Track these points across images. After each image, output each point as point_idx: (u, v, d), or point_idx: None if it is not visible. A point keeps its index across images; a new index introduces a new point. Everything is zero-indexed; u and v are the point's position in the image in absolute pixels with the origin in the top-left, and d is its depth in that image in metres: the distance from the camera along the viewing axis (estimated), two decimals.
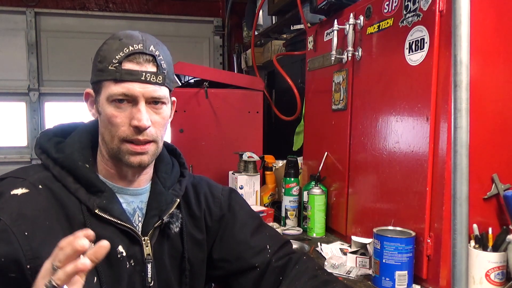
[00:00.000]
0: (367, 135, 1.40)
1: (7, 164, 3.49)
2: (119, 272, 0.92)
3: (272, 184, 2.02)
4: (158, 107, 0.93)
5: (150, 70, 0.90)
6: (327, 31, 1.65)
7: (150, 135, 0.92)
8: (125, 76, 0.88)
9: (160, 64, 0.91)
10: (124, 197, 0.98)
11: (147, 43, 0.91)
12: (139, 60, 0.89)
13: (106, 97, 0.90)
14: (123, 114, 0.90)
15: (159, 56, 0.92)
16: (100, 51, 0.92)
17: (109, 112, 0.90)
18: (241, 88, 2.23)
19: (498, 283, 1.06)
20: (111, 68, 0.88)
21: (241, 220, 1.11)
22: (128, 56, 0.88)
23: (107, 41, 0.93)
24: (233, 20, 3.87)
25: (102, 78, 0.90)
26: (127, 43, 0.90)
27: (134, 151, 0.91)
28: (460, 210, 0.96)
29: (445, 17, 1.09)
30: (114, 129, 0.91)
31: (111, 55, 0.89)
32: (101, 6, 3.70)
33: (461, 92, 0.96)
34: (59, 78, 3.67)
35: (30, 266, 0.81)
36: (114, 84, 0.89)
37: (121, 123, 0.90)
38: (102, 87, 0.91)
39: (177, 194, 1.03)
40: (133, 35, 0.92)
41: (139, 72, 0.89)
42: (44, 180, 0.90)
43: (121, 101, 0.89)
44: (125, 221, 0.93)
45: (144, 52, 0.89)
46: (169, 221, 1.00)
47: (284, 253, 1.08)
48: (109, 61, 0.89)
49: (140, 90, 0.89)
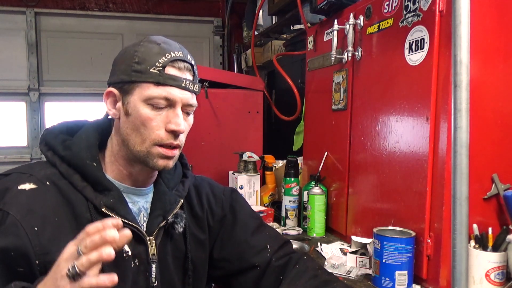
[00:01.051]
0: (367, 135, 1.40)
1: (7, 164, 3.49)
2: (124, 271, 0.92)
3: (272, 184, 2.02)
4: (188, 115, 0.96)
5: (189, 78, 0.93)
6: (327, 31, 1.65)
7: (180, 140, 0.95)
8: (168, 81, 0.90)
9: (195, 73, 0.96)
10: (130, 197, 0.98)
11: (184, 51, 0.94)
12: (180, 66, 0.92)
13: (143, 98, 0.90)
14: (159, 117, 0.91)
15: (194, 65, 0.96)
16: (137, 52, 0.91)
17: (144, 114, 0.90)
18: (241, 88, 2.23)
19: (498, 283, 1.06)
20: (154, 71, 0.89)
21: (241, 220, 1.12)
22: (172, 61, 0.90)
23: (143, 44, 0.92)
24: (233, 20, 3.87)
25: (141, 80, 0.90)
26: (168, 49, 0.91)
27: (165, 154, 0.93)
28: (460, 210, 0.96)
29: (445, 17, 1.09)
30: (147, 132, 0.91)
31: (152, 58, 0.90)
32: (101, 6, 3.70)
33: (461, 92, 0.96)
34: (59, 78, 3.67)
35: (39, 262, 0.82)
36: (155, 86, 0.89)
37: (156, 126, 0.91)
38: (137, 88, 0.91)
39: (180, 194, 1.04)
40: (170, 41, 0.94)
41: (180, 78, 0.91)
42: (51, 177, 0.91)
43: (159, 104, 0.90)
44: (131, 221, 0.93)
45: (185, 60, 0.93)
46: (174, 221, 1.00)
47: (284, 253, 1.08)
48: (151, 64, 0.89)
49: (180, 96, 0.91)
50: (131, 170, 0.97)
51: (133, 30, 3.80)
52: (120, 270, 0.90)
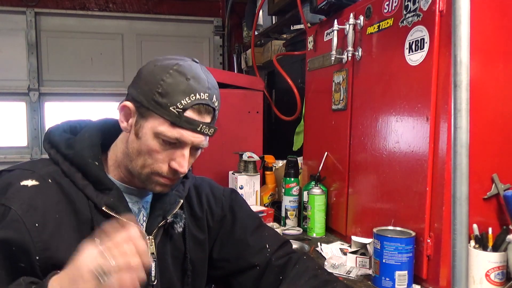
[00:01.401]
0: (367, 135, 1.40)
1: (7, 164, 3.44)
2: None
3: (272, 184, 2.02)
4: (198, 153, 0.97)
5: (207, 121, 0.91)
6: (327, 31, 1.65)
7: (181, 176, 0.95)
8: (184, 124, 0.88)
9: (215, 115, 0.93)
10: (130, 197, 0.99)
11: (211, 92, 0.91)
12: (201, 110, 0.90)
13: (156, 132, 0.89)
14: (165, 152, 0.91)
15: (217, 107, 0.93)
16: (163, 82, 0.88)
17: (152, 146, 0.90)
18: (241, 88, 2.23)
19: (498, 283, 1.06)
20: (173, 110, 0.87)
21: (241, 220, 1.12)
22: (193, 105, 0.88)
23: (173, 74, 0.89)
24: (233, 20, 3.87)
25: (158, 113, 0.88)
26: (195, 89, 0.88)
27: (163, 183, 0.94)
28: (460, 210, 0.96)
29: (445, 17, 1.09)
30: (150, 161, 0.91)
31: (176, 96, 0.87)
32: (101, 6, 3.70)
33: (461, 92, 0.96)
34: (59, 78, 3.67)
35: (39, 258, 0.82)
36: (170, 126, 0.88)
37: (160, 159, 0.91)
38: (152, 118, 0.89)
39: (180, 195, 1.04)
40: (200, 77, 0.90)
41: (197, 122, 0.89)
42: (53, 174, 0.91)
43: (169, 142, 0.90)
44: (131, 220, 0.93)
45: (208, 105, 0.90)
46: (173, 221, 1.01)
47: (284, 253, 1.09)
48: (172, 102, 0.87)
49: (192, 139, 0.91)
50: (129, 177, 0.98)
51: (133, 30, 3.80)
52: None
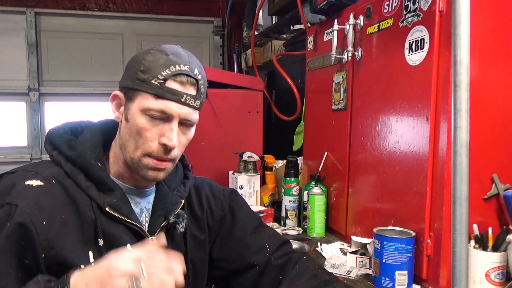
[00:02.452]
0: (367, 135, 1.40)
1: (7, 164, 3.49)
2: None
3: (272, 184, 2.02)
4: (188, 129, 0.96)
5: (191, 93, 0.92)
6: (327, 31, 1.65)
7: (173, 155, 0.93)
8: (167, 95, 0.89)
9: (200, 88, 0.93)
10: (132, 197, 0.99)
11: (192, 65, 0.92)
12: (183, 81, 0.90)
13: (142, 108, 0.90)
14: (154, 129, 0.91)
15: (201, 80, 0.94)
16: (144, 60, 0.90)
17: (140, 124, 0.90)
18: (241, 88, 2.23)
19: (498, 283, 1.06)
20: (155, 82, 0.89)
21: (240, 220, 1.12)
22: (174, 75, 0.89)
23: (153, 52, 0.91)
24: (233, 20, 3.87)
25: (142, 89, 0.90)
26: (175, 61, 0.90)
27: (154, 166, 0.93)
28: (460, 210, 0.96)
29: (445, 17, 1.09)
30: (141, 141, 0.91)
31: (156, 69, 0.89)
32: (101, 6, 3.69)
33: (461, 92, 0.96)
34: (59, 78, 3.67)
35: (45, 255, 0.82)
36: (154, 98, 0.89)
37: (150, 137, 0.91)
38: (138, 97, 0.91)
39: (182, 195, 1.04)
40: (180, 53, 0.92)
41: (180, 93, 0.90)
42: (56, 176, 0.91)
43: (155, 116, 0.90)
44: (134, 220, 0.94)
45: (189, 75, 0.91)
46: (176, 221, 1.01)
47: (283, 253, 1.09)
48: (153, 75, 0.89)
49: (177, 111, 0.90)
50: (129, 173, 0.97)
51: (133, 30, 3.80)
52: None
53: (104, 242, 0.89)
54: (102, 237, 0.89)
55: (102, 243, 0.89)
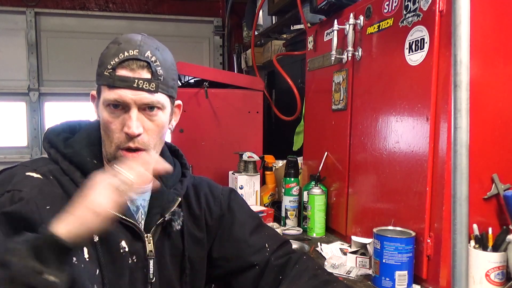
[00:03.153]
0: (367, 135, 1.40)
1: (7, 164, 3.44)
2: (121, 267, 0.93)
3: (272, 184, 2.02)
4: (153, 114, 0.92)
5: (144, 76, 0.89)
6: (327, 31, 1.65)
7: (141, 142, 0.91)
8: (118, 83, 0.88)
9: (155, 70, 0.90)
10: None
11: (143, 49, 0.90)
12: (132, 66, 0.88)
13: (102, 102, 0.91)
14: (117, 120, 0.91)
15: (155, 62, 0.90)
16: (101, 55, 0.93)
17: (105, 117, 0.92)
18: (241, 88, 2.23)
19: (498, 283, 1.06)
20: (106, 73, 0.89)
21: (240, 219, 1.12)
22: (122, 62, 0.88)
23: (109, 45, 0.93)
24: (233, 20, 3.86)
25: (100, 83, 0.92)
26: (124, 49, 0.89)
27: (127, 158, 0.92)
28: (460, 210, 0.96)
29: (445, 17, 1.09)
30: (110, 135, 0.92)
31: (107, 60, 0.90)
32: (101, 6, 3.69)
33: (461, 92, 0.96)
34: (59, 78, 3.67)
35: None
36: (108, 89, 0.89)
37: (115, 129, 0.91)
38: (100, 92, 0.93)
39: (179, 193, 1.04)
40: (132, 39, 0.91)
41: (131, 79, 0.88)
42: (53, 172, 0.92)
43: (115, 106, 0.90)
44: (129, 217, 0.94)
45: (138, 59, 0.89)
46: (171, 218, 1.01)
47: (283, 252, 1.09)
48: (105, 67, 0.89)
49: (131, 97, 0.89)
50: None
51: (133, 30, 3.79)
52: (117, 265, 0.92)
53: (99, 238, 0.90)
54: (96, 233, 0.89)
55: (97, 239, 0.90)
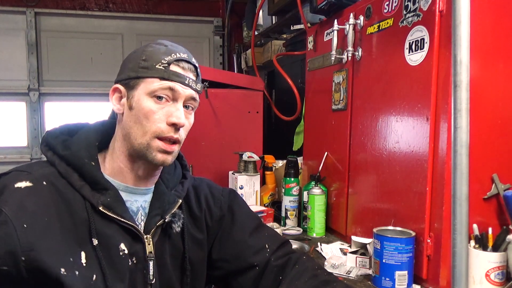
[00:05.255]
0: (367, 135, 1.40)
1: (7, 164, 3.49)
2: (121, 270, 0.93)
3: (272, 184, 2.02)
4: (189, 112, 1.00)
5: (192, 77, 0.98)
6: (327, 31, 1.65)
7: (180, 135, 0.97)
8: (172, 77, 0.94)
9: (198, 75, 1.01)
10: (130, 196, 0.99)
11: (189, 55, 1.00)
12: (184, 66, 0.97)
13: (148, 92, 0.94)
14: (161, 111, 0.94)
15: (198, 68, 1.02)
16: (144, 52, 0.97)
17: (147, 107, 0.94)
18: (241, 88, 2.23)
19: (498, 283, 1.06)
20: (159, 67, 0.94)
21: (240, 220, 1.12)
22: (177, 60, 0.96)
23: (152, 45, 0.98)
24: (233, 20, 3.87)
25: (147, 75, 0.94)
26: (174, 50, 0.97)
27: (164, 149, 0.95)
28: (460, 210, 0.96)
29: (445, 17, 1.09)
30: (149, 125, 0.94)
31: (159, 56, 0.95)
32: (101, 6, 3.70)
33: (461, 92, 0.96)
34: (59, 78, 3.67)
35: (25, 258, 0.82)
36: (160, 80, 0.94)
37: (159, 119, 0.94)
38: (142, 83, 0.95)
39: (179, 194, 1.05)
40: (176, 45, 1.01)
41: (184, 76, 0.96)
42: (48, 176, 0.92)
43: (161, 98, 0.94)
44: (128, 219, 0.94)
45: (189, 61, 0.98)
46: (171, 220, 1.01)
47: (283, 253, 1.08)
48: (157, 61, 0.94)
49: (183, 90, 0.96)
50: (132, 166, 0.98)
51: (133, 30, 3.80)
52: (117, 268, 0.92)
53: (98, 241, 0.90)
54: (96, 237, 0.89)
55: (96, 243, 0.89)
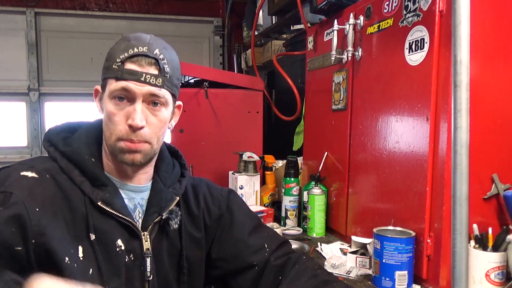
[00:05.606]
0: (367, 135, 1.40)
1: (7, 164, 3.48)
2: (117, 265, 0.94)
3: (272, 184, 2.02)
4: (157, 109, 0.95)
5: (152, 72, 0.92)
6: (327, 31, 1.65)
7: (143, 136, 0.94)
8: (126, 75, 0.91)
9: (162, 67, 0.93)
10: (126, 193, 1.00)
11: (152, 47, 0.93)
12: (141, 62, 0.92)
13: (108, 94, 0.94)
14: (121, 112, 0.93)
15: (163, 60, 0.94)
16: (110, 50, 0.96)
17: (109, 109, 0.94)
18: (241, 88, 2.23)
19: (498, 283, 1.06)
20: (114, 66, 0.92)
21: (239, 220, 1.12)
22: (131, 57, 0.92)
23: (118, 41, 0.96)
24: (233, 20, 3.87)
25: (107, 76, 0.94)
26: (134, 45, 0.93)
27: (127, 148, 0.94)
28: (460, 210, 0.96)
29: (445, 17, 1.09)
30: (112, 127, 0.94)
31: (116, 54, 0.93)
32: (101, 6, 3.70)
33: (461, 92, 0.96)
34: (59, 78, 3.67)
35: (35, 241, 0.84)
36: (115, 81, 0.92)
37: (119, 121, 0.93)
38: (106, 85, 0.95)
39: (177, 192, 1.05)
40: (141, 37, 0.95)
41: (139, 73, 0.91)
42: (50, 171, 0.93)
43: (120, 99, 0.92)
44: (126, 215, 0.95)
45: (147, 55, 0.92)
46: (168, 217, 1.02)
47: (283, 253, 1.08)
48: (114, 60, 0.93)
49: (138, 88, 0.91)
50: (115, 164, 0.99)
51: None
52: (113, 264, 0.93)
53: (95, 236, 0.91)
54: (93, 232, 0.91)
55: (93, 238, 0.91)
